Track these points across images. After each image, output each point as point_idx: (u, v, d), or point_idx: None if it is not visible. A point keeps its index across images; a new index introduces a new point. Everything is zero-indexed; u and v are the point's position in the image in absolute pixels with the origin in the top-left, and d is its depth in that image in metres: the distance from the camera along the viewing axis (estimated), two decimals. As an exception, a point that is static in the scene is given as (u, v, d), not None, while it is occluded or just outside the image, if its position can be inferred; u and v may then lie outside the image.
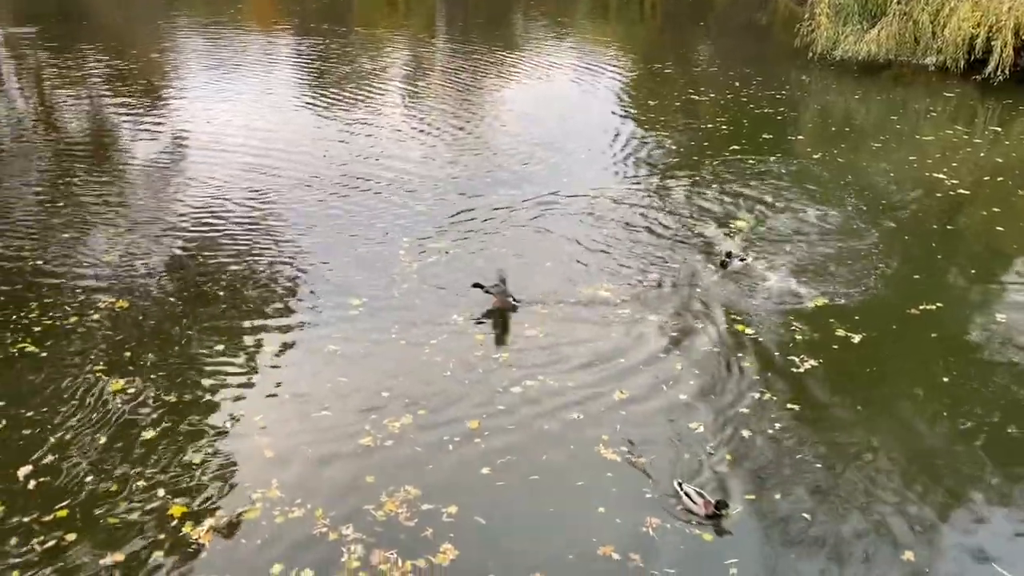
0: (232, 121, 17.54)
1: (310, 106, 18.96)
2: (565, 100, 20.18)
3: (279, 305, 10.17)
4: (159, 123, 17.64)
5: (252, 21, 32.65)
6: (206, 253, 11.48)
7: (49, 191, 13.73)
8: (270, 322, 9.75)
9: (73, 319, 9.66)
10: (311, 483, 7.22)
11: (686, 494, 7.06)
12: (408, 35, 28.70)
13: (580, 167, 15.25)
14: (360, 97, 19.78)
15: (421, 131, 17.15)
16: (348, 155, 15.58)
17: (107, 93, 20.22)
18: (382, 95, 20.13)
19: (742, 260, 11.35)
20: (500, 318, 9.99)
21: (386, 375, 8.78)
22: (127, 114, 18.34)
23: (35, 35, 27.30)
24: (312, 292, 10.46)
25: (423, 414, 8.17)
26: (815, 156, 16.03)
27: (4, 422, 7.82)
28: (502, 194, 13.83)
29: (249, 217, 12.70)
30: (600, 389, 8.67)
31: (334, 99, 19.58)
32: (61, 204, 13.11)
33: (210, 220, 12.56)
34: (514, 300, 10.18)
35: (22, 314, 9.70)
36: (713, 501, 6.96)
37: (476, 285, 10.20)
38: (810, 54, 22.68)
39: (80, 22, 31.33)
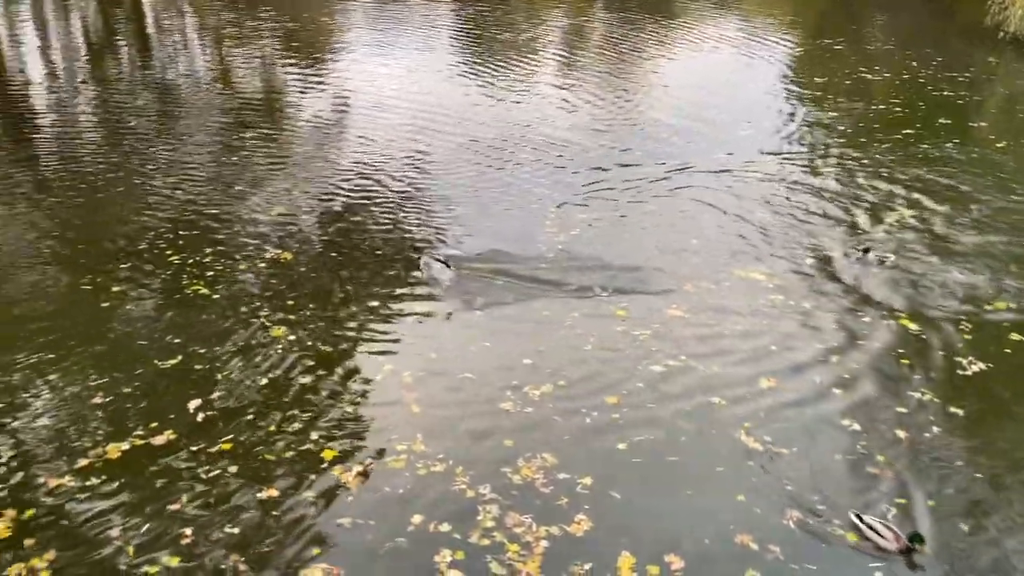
0: (393, 84, 18.04)
1: (468, 72, 19.24)
2: (727, 73, 19.53)
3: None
4: (325, 83, 18.38)
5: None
6: (362, 211, 11.93)
7: (223, 145, 14.63)
8: (419, 286, 10.03)
9: (242, 266, 10.30)
10: (454, 441, 7.43)
11: (870, 527, 6.39)
12: (568, 3, 28.49)
13: (738, 142, 14.77)
14: (517, 64, 19.88)
15: (576, 99, 17.09)
16: (502, 121, 15.73)
17: (279, 53, 21.27)
18: (539, 62, 20.15)
19: (882, 260, 10.52)
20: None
21: (528, 344, 8.88)
22: (296, 74, 19.22)
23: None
24: (460, 256, 10.69)
25: (563, 385, 8.23)
26: (999, 144, 14.82)
27: (180, 357, 8.46)
28: (654, 166, 13.62)
29: (404, 179, 13.08)
30: (746, 374, 8.45)
31: (491, 65, 19.77)
32: (234, 158, 13.94)
33: (368, 179, 13.02)
34: None
35: (197, 258, 10.42)
36: (905, 535, 6.28)
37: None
38: (1001, 34, 20.89)
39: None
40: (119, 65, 21.16)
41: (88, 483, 6.82)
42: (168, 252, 10.52)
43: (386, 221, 11.68)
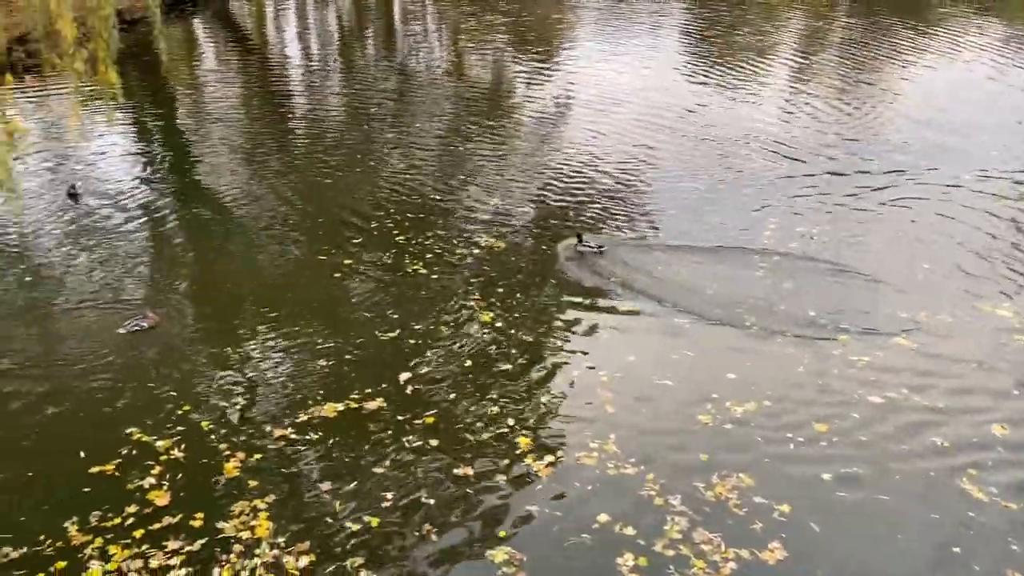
0: (620, 81, 18.03)
1: (698, 72, 18.83)
2: (980, 84, 17.76)
3: (636, 271, 10.38)
4: (553, 79, 18.70)
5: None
6: (577, 207, 12.04)
7: (452, 134, 15.32)
8: (625, 288, 9.98)
9: (459, 251, 10.75)
10: (646, 446, 7.35)
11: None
12: (806, 6, 27.12)
13: (990, 158, 13.42)
14: (751, 66, 19.20)
15: (813, 104, 16.24)
16: (731, 122, 15.29)
17: (511, 48, 21.92)
18: (774, 65, 19.36)
19: None
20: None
21: (734, 358, 8.58)
22: (526, 68, 19.72)
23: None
24: (670, 260, 10.51)
25: (768, 405, 7.88)
26: None
27: (397, 331, 8.98)
28: (890, 177, 12.70)
29: (624, 177, 13.06)
30: (977, 417, 7.68)
31: (724, 66, 19.23)
32: (461, 148, 14.55)
33: (586, 175, 13.12)
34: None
35: (419, 240, 11.00)
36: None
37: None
38: None
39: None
40: (365, 53, 22.75)
41: (306, 437, 7.42)
42: (395, 232, 11.18)
43: (600, 217, 11.72)
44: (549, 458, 7.20)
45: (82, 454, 7.10)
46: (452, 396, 8.00)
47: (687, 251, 10.74)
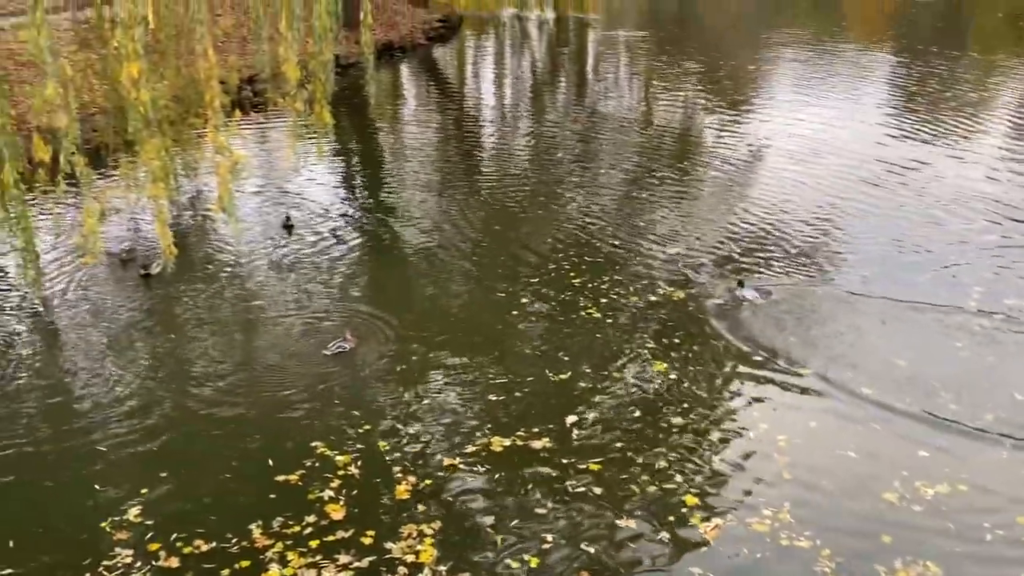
0: (815, 134, 17.41)
1: (900, 130, 17.85)
2: None
3: (823, 328, 9.90)
4: (742, 130, 18.35)
5: (855, 36, 31.90)
6: (761, 262, 11.66)
7: (636, 181, 15.35)
8: (808, 346, 9.53)
9: (634, 298, 10.69)
10: (824, 519, 6.92)
11: None
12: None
13: None
14: (960, 124, 17.97)
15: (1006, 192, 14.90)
16: (934, 183, 14.37)
17: (701, 97, 21.77)
18: (985, 124, 18.05)
19: None
20: None
21: (927, 436, 7.94)
22: (715, 118, 19.49)
23: (649, 38, 30.58)
24: (856, 331, 9.93)
25: (963, 490, 7.20)
26: None
27: (568, 373, 9.04)
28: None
29: (812, 232, 12.55)
30: None
31: (930, 123, 18.13)
32: (644, 194, 14.55)
33: (774, 231, 12.70)
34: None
35: (596, 283, 11.05)
36: None
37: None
38: None
39: (690, 29, 34.19)
40: (556, 97, 23.36)
41: (473, 468, 7.58)
42: (572, 274, 11.30)
43: (786, 268, 11.30)
44: (717, 520, 6.94)
45: (270, 462, 7.62)
46: (619, 445, 7.91)
47: (880, 308, 10.16)
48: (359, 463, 7.59)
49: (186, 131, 12.45)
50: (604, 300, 10.64)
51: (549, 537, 6.77)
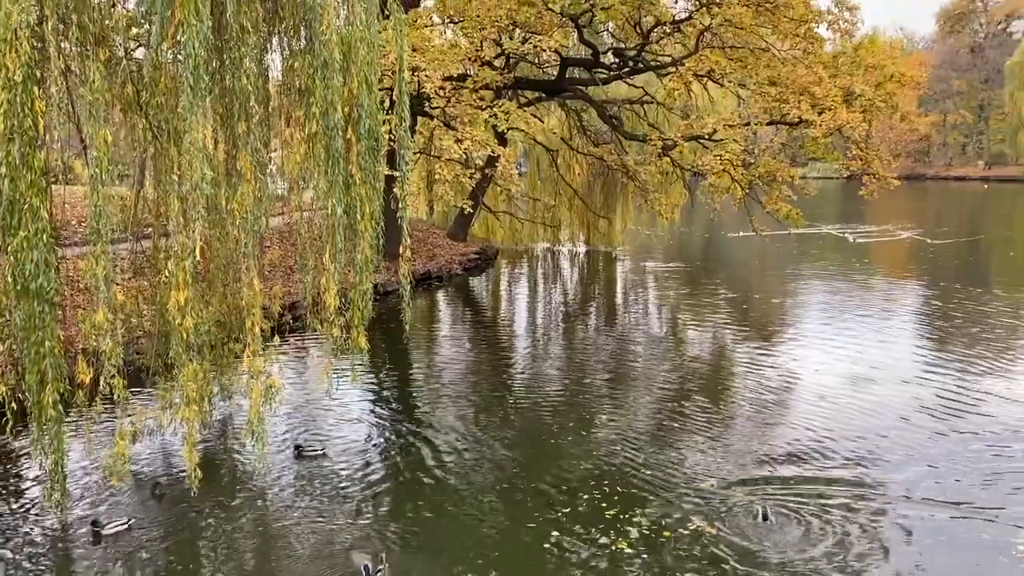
0: (842, 371, 17.39)
1: (927, 368, 17.76)
2: None
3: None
4: (770, 363, 18.41)
5: (879, 272, 32.81)
6: (795, 501, 11.25)
7: (665, 410, 15.25)
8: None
9: (667, 533, 10.27)
10: None
11: None
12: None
13: None
14: (985, 365, 17.86)
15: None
16: (968, 419, 14.05)
17: (729, 325, 22.14)
18: (1008, 367, 17.88)
19: None
20: None
21: None
22: (743, 350, 19.67)
23: (677, 269, 31.70)
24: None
25: None
26: None
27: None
28: None
29: (843, 470, 12.17)
30: None
31: (956, 363, 18.07)
32: (674, 424, 14.40)
33: (803, 468, 12.35)
34: None
35: (627, 516, 10.66)
36: None
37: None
38: None
39: (717, 262, 35.44)
40: (587, 325, 23.88)
41: None
42: (603, 505, 10.97)
43: (821, 509, 10.85)
44: None
45: None
46: None
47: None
48: None
49: (226, 355, 12.82)
50: (636, 535, 10.21)
51: None
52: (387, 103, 15.47)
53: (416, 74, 19.47)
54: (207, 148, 8.79)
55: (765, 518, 10.34)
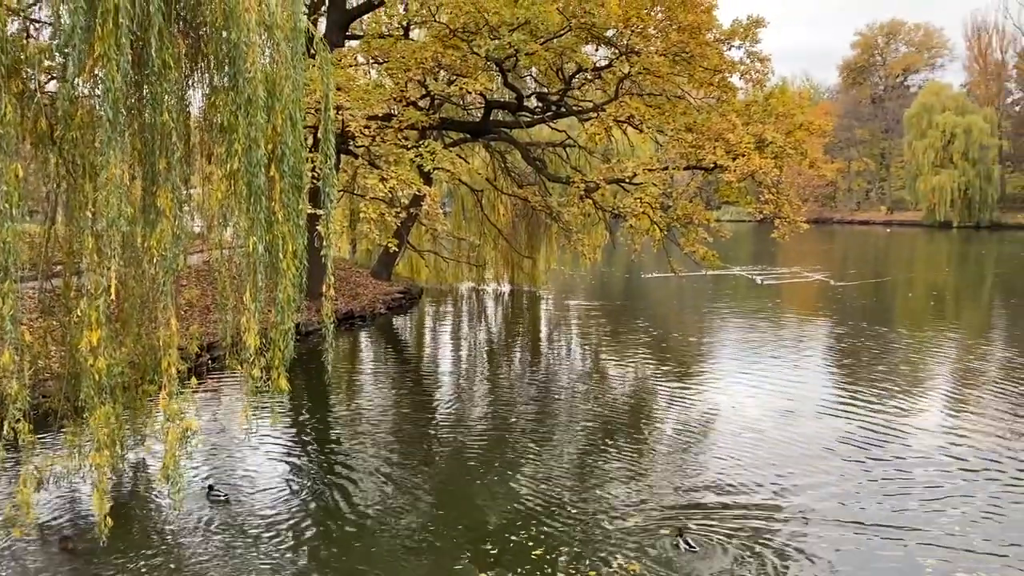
0: (757, 406, 17.90)
1: (839, 402, 18.45)
2: None
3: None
4: (689, 399, 18.82)
5: (791, 312, 34.00)
6: (719, 536, 11.46)
7: (588, 448, 15.37)
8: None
9: (591, 572, 10.29)
10: None
11: None
12: (956, 339, 26.75)
13: None
14: (891, 398, 18.67)
15: (958, 448, 15.32)
16: (876, 460, 14.61)
17: (648, 363, 22.53)
18: (914, 399, 18.74)
19: None
20: None
21: None
22: (662, 387, 20.05)
23: (599, 308, 32.18)
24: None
25: None
26: None
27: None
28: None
29: (764, 510, 12.47)
30: None
31: (865, 397, 18.81)
32: (599, 461, 14.52)
33: (725, 504, 12.62)
34: None
35: (554, 555, 10.65)
36: None
37: None
38: None
39: (637, 302, 36.13)
40: (511, 365, 23.93)
41: None
42: (531, 545, 10.94)
43: (745, 548, 11.07)
44: None
45: None
46: None
47: None
48: None
49: (140, 397, 12.37)
50: (562, 574, 10.22)
51: None
52: (311, 141, 15.41)
53: (341, 112, 19.46)
54: (124, 184, 8.58)
55: (689, 547, 10.50)
